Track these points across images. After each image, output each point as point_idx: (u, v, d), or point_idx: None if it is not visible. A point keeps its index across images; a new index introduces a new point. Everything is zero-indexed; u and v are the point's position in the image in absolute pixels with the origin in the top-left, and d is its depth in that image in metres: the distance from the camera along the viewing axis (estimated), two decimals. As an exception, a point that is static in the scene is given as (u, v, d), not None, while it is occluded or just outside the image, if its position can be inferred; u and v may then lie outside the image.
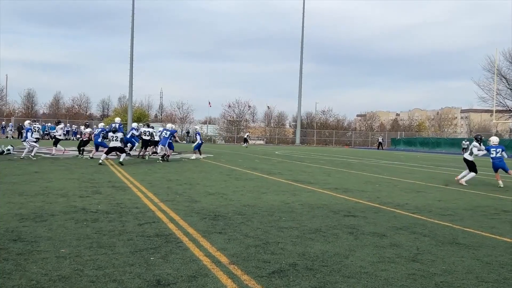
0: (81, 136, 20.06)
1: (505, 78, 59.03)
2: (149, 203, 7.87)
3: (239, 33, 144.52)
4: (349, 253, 5.04)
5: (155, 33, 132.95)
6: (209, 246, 5.08)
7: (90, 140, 21.04)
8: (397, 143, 60.68)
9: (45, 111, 76.03)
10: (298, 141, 63.50)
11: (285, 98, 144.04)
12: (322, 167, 19.04)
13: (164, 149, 19.00)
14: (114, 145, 16.47)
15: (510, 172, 12.92)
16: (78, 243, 5.05)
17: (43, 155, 19.82)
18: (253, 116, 79.54)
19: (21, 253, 4.57)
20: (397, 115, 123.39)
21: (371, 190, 11.12)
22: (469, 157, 13.55)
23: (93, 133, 21.14)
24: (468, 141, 44.61)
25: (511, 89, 59.09)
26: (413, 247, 5.42)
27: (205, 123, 70.37)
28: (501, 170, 13.11)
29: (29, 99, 74.99)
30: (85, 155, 19.70)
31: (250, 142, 53.20)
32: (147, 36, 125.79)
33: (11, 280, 3.78)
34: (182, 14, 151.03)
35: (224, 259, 4.60)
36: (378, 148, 54.84)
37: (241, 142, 54.03)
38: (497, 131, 71.88)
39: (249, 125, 74.37)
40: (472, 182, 13.50)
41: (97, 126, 24.28)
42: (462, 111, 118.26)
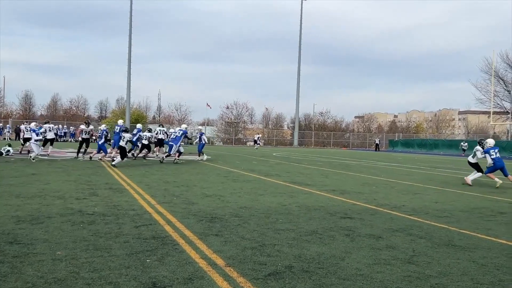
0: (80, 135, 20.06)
1: (503, 80, 59.32)
2: (146, 205, 7.87)
3: (237, 34, 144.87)
4: (345, 255, 5.05)
5: (153, 34, 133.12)
6: (206, 248, 5.08)
7: (91, 137, 20.97)
8: (395, 144, 60.74)
9: (42, 113, 76.00)
10: (296, 142, 63.55)
11: (283, 100, 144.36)
12: (319, 168, 19.06)
13: (175, 148, 18.89)
14: (120, 144, 16.47)
15: (510, 178, 13.27)
16: (74, 245, 5.05)
17: (39, 157, 19.77)
18: (251, 118, 79.69)
19: (17, 255, 4.57)
20: (395, 116, 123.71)
21: (368, 192, 11.14)
22: (472, 160, 14.17)
23: (93, 131, 21.16)
24: (467, 143, 44.76)
25: (508, 91, 59.33)
26: (409, 249, 5.43)
27: (203, 124, 70.29)
28: (500, 172, 13.49)
29: (27, 100, 75.10)
30: (79, 156, 19.75)
31: (260, 143, 53.02)
32: (145, 37, 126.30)
33: (6, 283, 3.78)
34: (180, 15, 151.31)
35: (220, 262, 4.61)
36: (375, 150, 54.97)
37: (250, 144, 53.81)
38: (494, 132, 72.03)
39: (247, 126, 74.40)
40: (475, 182, 14.00)
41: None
42: (460, 112, 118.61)
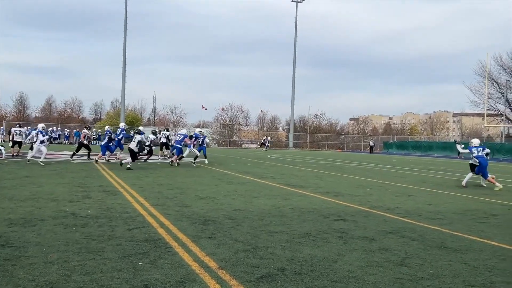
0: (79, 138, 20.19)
1: (496, 83, 59.70)
2: (140, 208, 7.85)
3: (232, 36, 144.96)
4: (337, 257, 5.06)
5: (148, 37, 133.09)
6: (198, 251, 5.08)
7: (89, 142, 20.89)
8: (389, 146, 60.86)
9: (37, 115, 75.71)
10: (291, 144, 63.61)
11: (278, 102, 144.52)
12: (314, 171, 19.08)
13: (190, 151, 19.08)
14: (130, 146, 16.41)
15: (490, 179, 13.56)
16: (66, 248, 5.03)
17: (33, 159, 19.68)
18: (247, 120, 79.70)
19: (9, 258, 4.55)
20: (390, 119, 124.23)
21: (362, 194, 11.16)
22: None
23: (90, 135, 21.14)
24: (463, 145, 44.89)
25: (502, 93, 59.70)
26: (401, 251, 5.45)
27: (198, 126, 70.18)
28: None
29: (21, 102, 74.71)
30: (74, 158, 19.69)
31: (268, 145, 53.00)
32: (140, 39, 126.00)
33: (-3, 286, 3.76)
34: (176, 18, 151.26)
35: (212, 264, 4.61)
36: (370, 152, 55.11)
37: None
38: (488, 134, 72.34)
39: (242, 128, 74.40)
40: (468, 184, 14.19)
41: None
42: (454, 115, 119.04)
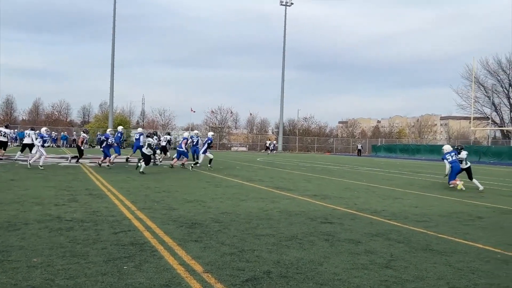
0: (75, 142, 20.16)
1: (483, 86, 60.50)
2: (126, 211, 7.80)
3: (222, 40, 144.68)
4: (323, 260, 5.08)
5: (137, 39, 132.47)
6: (184, 255, 5.06)
7: (84, 145, 20.63)
8: (377, 149, 61.24)
9: (24, 118, 74.96)
10: (280, 147, 63.67)
11: (267, 105, 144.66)
12: (302, 173, 19.12)
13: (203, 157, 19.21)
14: (144, 152, 16.33)
15: (453, 182, 13.95)
16: (50, 252, 4.98)
17: (20, 162, 19.49)
18: (236, 123, 79.66)
19: (-9, 263, 4.49)
20: (378, 122, 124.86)
21: (349, 196, 11.21)
22: (463, 166, 14.51)
23: (86, 139, 20.97)
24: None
25: (488, 97, 60.42)
26: (387, 253, 5.48)
27: (187, 129, 70.03)
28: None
29: (8, 105, 73.96)
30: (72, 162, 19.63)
31: (275, 149, 52.96)
32: (129, 42, 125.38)
33: (-22, 291, 3.72)
34: (165, 21, 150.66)
35: (198, 268, 4.59)
36: (358, 155, 55.42)
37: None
38: (475, 138, 73.11)
39: (231, 131, 74.36)
40: (451, 187, 14.24)
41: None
42: (442, 118, 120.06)
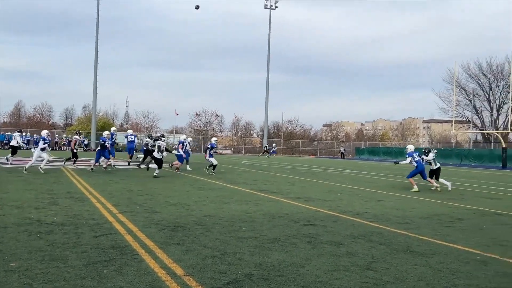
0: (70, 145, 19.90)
1: (464, 90, 61.41)
2: (107, 214, 7.73)
3: (207, 42, 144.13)
4: (305, 262, 5.09)
5: (121, 41, 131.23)
6: (166, 258, 5.03)
7: (78, 149, 20.16)
8: (361, 152, 61.71)
9: (5, 120, 73.76)
10: (264, 150, 63.70)
11: (252, 108, 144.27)
12: (286, 176, 19.17)
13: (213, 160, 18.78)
14: (155, 156, 16.19)
15: (429, 180, 14.55)
16: (29, 256, 4.90)
17: (0, 165, 19.19)
18: (221, 126, 79.54)
19: (-33, 267, 4.41)
20: (362, 125, 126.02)
21: (332, 199, 11.27)
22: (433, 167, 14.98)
23: (81, 141, 20.64)
24: (436, 150, 45.92)
25: (469, 101, 61.37)
26: (368, 255, 5.52)
27: (171, 132, 69.72)
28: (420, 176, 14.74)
29: (-11, 107, 72.70)
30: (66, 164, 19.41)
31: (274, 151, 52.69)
32: (113, 44, 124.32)
33: (-47, 296, 3.64)
34: (149, 23, 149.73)
35: (179, 271, 4.56)
36: (341, 158, 55.81)
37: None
38: (457, 141, 74.09)
39: (216, 134, 74.18)
40: (432, 190, 14.55)
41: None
42: (424, 121, 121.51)
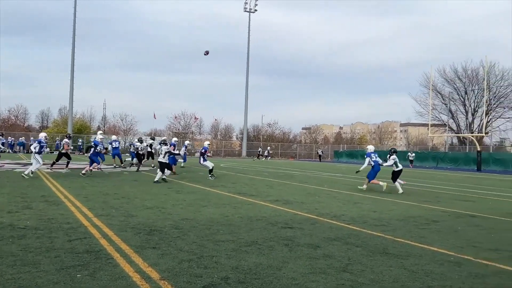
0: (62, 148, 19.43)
1: (440, 94, 62.43)
2: (82, 218, 7.60)
3: (186, 45, 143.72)
4: (282, 265, 5.09)
5: (99, 43, 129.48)
6: (141, 262, 4.96)
7: (67, 152, 19.67)
8: (339, 155, 62.18)
9: (-22, 122, 72.02)
10: (244, 153, 63.75)
11: (232, 111, 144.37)
12: (265, 179, 19.18)
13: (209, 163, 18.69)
14: (161, 160, 15.90)
15: (374, 181, 14.75)
16: (0, 261, 4.78)
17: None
18: (200, 129, 79.09)
19: None
20: (341, 128, 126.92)
21: (310, 201, 11.31)
22: (394, 168, 15.22)
23: (69, 144, 20.16)
24: (414, 153, 46.54)
25: (445, 104, 62.40)
26: (344, 257, 5.55)
27: (150, 135, 69.08)
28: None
29: (-40, 109, 70.94)
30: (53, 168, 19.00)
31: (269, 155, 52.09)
32: (91, 46, 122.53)
33: None
34: (128, 25, 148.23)
35: (155, 275, 4.51)
36: (319, 161, 56.21)
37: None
38: (433, 144, 75.32)
39: (195, 137, 73.82)
40: (409, 192, 14.63)
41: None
42: (401, 125, 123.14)
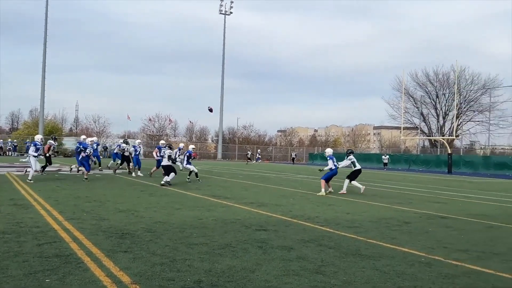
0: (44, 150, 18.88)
1: (412, 98, 63.66)
2: (52, 222, 7.44)
3: (161, 47, 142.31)
4: (256, 267, 5.08)
5: (72, 44, 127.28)
6: (112, 266, 4.88)
7: (51, 154, 19.20)
8: (314, 158, 62.68)
9: None
10: (220, 156, 63.60)
11: (207, 113, 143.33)
12: (240, 182, 19.17)
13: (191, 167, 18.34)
14: (164, 163, 15.64)
15: (326, 183, 14.51)
16: (-36, 267, 4.64)
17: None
18: (175, 131, 78.53)
19: None
20: (315, 131, 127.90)
21: (285, 204, 11.35)
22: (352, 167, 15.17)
23: (55, 146, 19.71)
24: (388, 156, 47.20)
25: (417, 108, 63.64)
26: (318, 259, 5.58)
27: (123, 137, 68.18)
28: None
29: None
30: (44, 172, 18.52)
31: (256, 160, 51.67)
32: (63, 47, 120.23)
33: None
34: (102, 26, 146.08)
35: (126, 279, 4.44)
36: (292, 163, 56.52)
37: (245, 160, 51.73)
38: (406, 147, 76.60)
39: (170, 139, 73.22)
40: (382, 194, 14.64)
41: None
42: (375, 128, 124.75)
